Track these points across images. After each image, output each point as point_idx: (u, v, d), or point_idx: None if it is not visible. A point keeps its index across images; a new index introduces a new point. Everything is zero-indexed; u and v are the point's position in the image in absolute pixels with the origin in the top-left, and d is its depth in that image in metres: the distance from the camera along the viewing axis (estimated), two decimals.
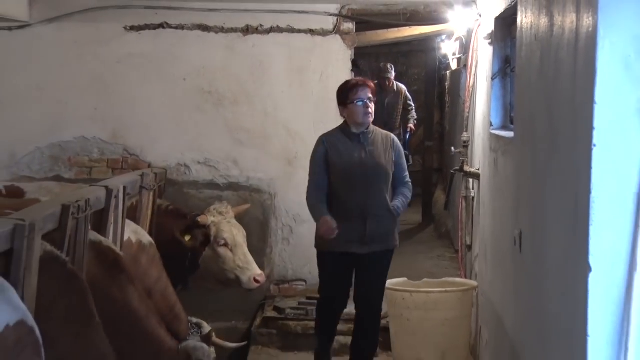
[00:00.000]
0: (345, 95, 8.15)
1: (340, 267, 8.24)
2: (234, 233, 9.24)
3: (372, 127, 8.26)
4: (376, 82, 11.71)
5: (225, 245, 9.14)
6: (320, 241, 8.22)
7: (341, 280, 8.34)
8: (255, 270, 9.16)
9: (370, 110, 8.08)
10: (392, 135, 8.54)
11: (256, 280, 9.12)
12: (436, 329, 8.66)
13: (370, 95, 8.12)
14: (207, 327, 7.35)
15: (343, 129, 8.29)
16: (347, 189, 8.09)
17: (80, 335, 5.31)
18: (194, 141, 10.68)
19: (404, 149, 10.85)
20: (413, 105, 16.43)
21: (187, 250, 9.02)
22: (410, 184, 8.50)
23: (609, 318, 4.09)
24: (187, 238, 9.01)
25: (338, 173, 8.13)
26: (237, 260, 9.14)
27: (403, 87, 16.42)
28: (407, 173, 8.51)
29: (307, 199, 8.32)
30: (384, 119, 14.18)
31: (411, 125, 16.50)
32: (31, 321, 4.47)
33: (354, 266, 8.28)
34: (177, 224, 9.13)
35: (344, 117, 8.29)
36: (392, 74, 15.80)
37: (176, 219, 9.27)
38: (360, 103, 8.03)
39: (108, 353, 5.40)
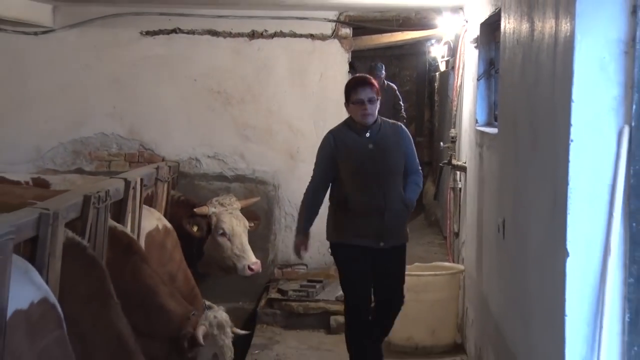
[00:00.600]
0: (348, 93, 7.32)
1: (357, 257, 7.36)
2: (233, 223, 9.21)
3: (379, 119, 7.41)
4: None
5: (224, 235, 9.12)
6: (333, 232, 7.57)
7: (362, 272, 7.43)
8: (250, 259, 9.13)
9: (368, 111, 7.22)
10: (400, 124, 7.83)
11: (250, 269, 9.10)
12: (426, 309, 8.65)
13: (372, 95, 7.24)
14: (217, 309, 7.27)
15: (349, 124, 7.45)
16: (361, 185, 7.31)
17: (100, 314, 5.34)
18: (204, 137, 10.69)
19: None
20: (402, 105, 15.27)
21: (194, 238, 9.02)
22: (420, 171, 7.78)
23: (585, 299, 4.09)
24: (194, 228, 9.01)
25: (350, 169, 7.34)
26: (235, 249, 9.12)
27: (394, 86, 15.35)
28: (417, 160, 7.77)
29: (304, 198, 7.69)
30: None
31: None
32: (52, 298, 4.57)
33: (370, 260, 7.39)
34: (185, 214, 9.15)
35: (349, 113, 7.48)
36: (383, 73, 14.68)
37: (186, 209, 9.27)
38: (359, 102, 7.20)
39: (125, 330, 5.42)
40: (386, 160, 7.39)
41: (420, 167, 7.79)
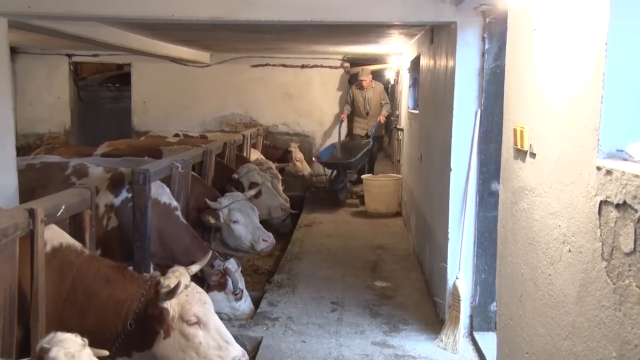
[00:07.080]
0: None
1: None
2: (299, 155, 9.14)
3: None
4: (357, 83, 10.56)
5: (297, 159, 9.01)
6: None
7: None
8: (308, 169, 9.11)
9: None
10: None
11: (308, 175, 9.06)
12: (384, 196, 8.65)
13: None
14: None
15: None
16: None
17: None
18: (280, 114, 10.66)
19: (382, 133, 10.55)
20: (388, 102, 10.47)
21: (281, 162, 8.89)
22: None
23: (458, 192, 4.09)
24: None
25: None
26: (298, 165, 9.04)
27: (380, 85, 10.72)
28: None
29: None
30: (366, 110, 10.24)
31: (381, 117, 10.00)
32: (175, 202, 4.03)
33: None
34: (273, 153, 9.07)
35: None
36: (369, 76, 10.17)
37: (271, 150, 9.21)
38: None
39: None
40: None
41: None
